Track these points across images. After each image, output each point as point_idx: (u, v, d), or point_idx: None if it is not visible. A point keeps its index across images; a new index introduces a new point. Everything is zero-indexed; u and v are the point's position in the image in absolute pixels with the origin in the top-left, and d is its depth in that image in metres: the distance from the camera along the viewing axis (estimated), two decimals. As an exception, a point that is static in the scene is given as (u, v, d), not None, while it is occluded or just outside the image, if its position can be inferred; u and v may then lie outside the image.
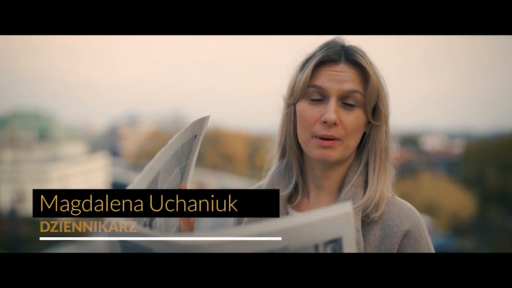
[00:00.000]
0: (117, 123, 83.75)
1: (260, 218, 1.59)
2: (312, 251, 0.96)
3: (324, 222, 0.95)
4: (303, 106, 1.55)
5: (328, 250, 0.96)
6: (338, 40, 1.59)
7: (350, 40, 1.61)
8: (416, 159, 53.42)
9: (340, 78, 1.52)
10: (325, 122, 1.50)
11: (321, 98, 1.53)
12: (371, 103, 1.54)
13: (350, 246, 0.97)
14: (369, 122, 1.57)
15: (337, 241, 0.96)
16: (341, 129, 1.51)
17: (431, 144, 63.44)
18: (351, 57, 1.54)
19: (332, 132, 1.50)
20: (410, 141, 62.59)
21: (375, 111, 1.56)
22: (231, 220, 1.77)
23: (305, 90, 1.55)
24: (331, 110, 1.50)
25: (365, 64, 1.54)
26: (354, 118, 1.52)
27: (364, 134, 1.59)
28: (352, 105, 1.52)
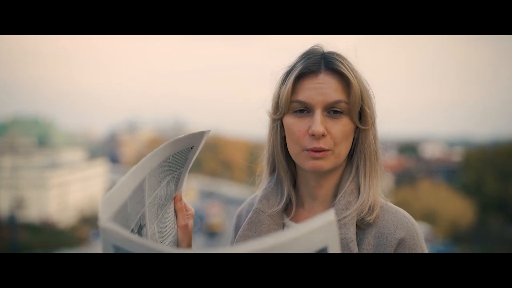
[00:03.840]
0: (116, 130, 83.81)
1: (251, 235, 1.58)
2: None
3: (310, 234, 0.94)
4: (289, 120, 1.53)
5: None
6: (317, 48, 1.56)
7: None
8: (415, 166, 53.38)
9: (323, 90, 1.49)
10: (313, 134, 1.48)
11: (306, 110, 1.51)
12: (355, 108, 1.52)
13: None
14: (357, 127, 1.55)
15: (324, 251, 0.95)
16: (329, 139, 1.49)
17: (431, 151, 63.43)
18: (331, 65, 1.51)
19: (321, 144, 1.48)
20: (409, 148, 62.59)
21: (361, 115, 1.54)
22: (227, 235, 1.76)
23: (289, 105, 1.53)
24: (317, 122, 1.47)
25: (345, 71, 1.51)
26: (342, 126, 1.50)
27: (353, 139, 1.57)
28: (338, 114, 1.50)
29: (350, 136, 1.53)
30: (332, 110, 1.50)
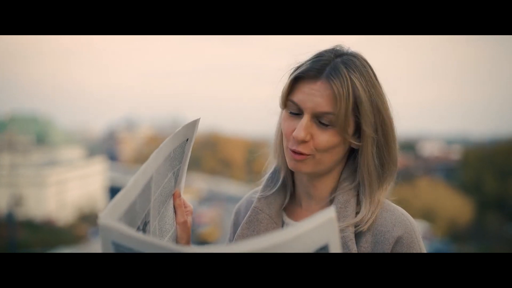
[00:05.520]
0: (115, 128, 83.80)
1: (250, 234, 1.59)
2: None
3: (311, 232, 0.95)
4: (284, 116, 1.54)
5: None
6: (336, 49, 1.54)
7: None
8: (414, 164, 53.40)
9: (315, 98, 1.47)
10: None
11: (299, 112, 1.50)
12: (340, 122, 1.47)
13: (336, 251, 0.98)
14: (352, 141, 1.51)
15: (325, 248, 0.96)
16: (310, 146, 1.48)
17: (429, 149, 63.48)
18: (330, 76, 1.47)
19: (300, 148, 1.48)
20: (408, 146, 62.57)
21: (358, 131, 1.51)
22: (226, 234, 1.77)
23: (285, 103, 1.53)
24: (301, 128, 1.47)
25: (336, 85, 1.46)
26: (327, 136, 1.48)
27: (352, 151, 1.55)
28: (326, 125, 1.48)
29: (337, 148, 1.50)
30: (320, 120, 1.48)
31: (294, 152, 1.49)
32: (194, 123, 1.45)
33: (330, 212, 0.96)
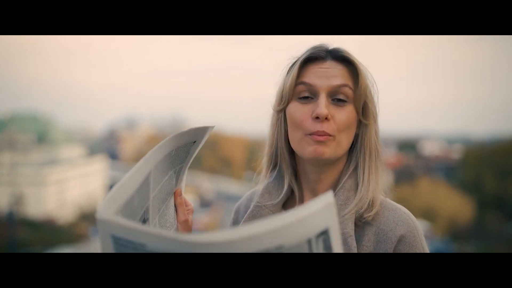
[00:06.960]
0: (115, 126, 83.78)
1: (254, 218, 1.60)
2: (306, 246, 0.96)
3: (312, 216, 0.95)
4: (293, 107, 1.54)
5: (320, 243, 0.97)
6: (324, 44, 1.58)
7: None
8: (414, 164, 53.43)
9: (328, 74, 1.52)
10: (317, 117, 1.48)
11: (311, 96, 1.52)
12: (361, 98, 1.53)
13: (336, 235, 0.98)
14: (360, 121, 1.55)
15: (325, 232, 0.97)
16: (332, 124, 1.49)
17: (430, 149, 63.50)
18: (338, 54, 1.54)
19: (324, 128, 1.48)
20: (408, 146, 62.65)
21: (364, 109, 1.55)
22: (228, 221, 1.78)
23: (294, 90, 1.53)
24: (322, 105, 1.48)
25: (353, 59, 1.54)
26: (346, 113, 1.51)
27: (354, 134, 1.58)
28: (343, 101, 1.51)
29: (353, 127, 1.54)
30: (336, 98, 1.51)
31: (317, 134, 1.49)
32: (206, 129, 1.44)
33: (328, 197, 0.96)
